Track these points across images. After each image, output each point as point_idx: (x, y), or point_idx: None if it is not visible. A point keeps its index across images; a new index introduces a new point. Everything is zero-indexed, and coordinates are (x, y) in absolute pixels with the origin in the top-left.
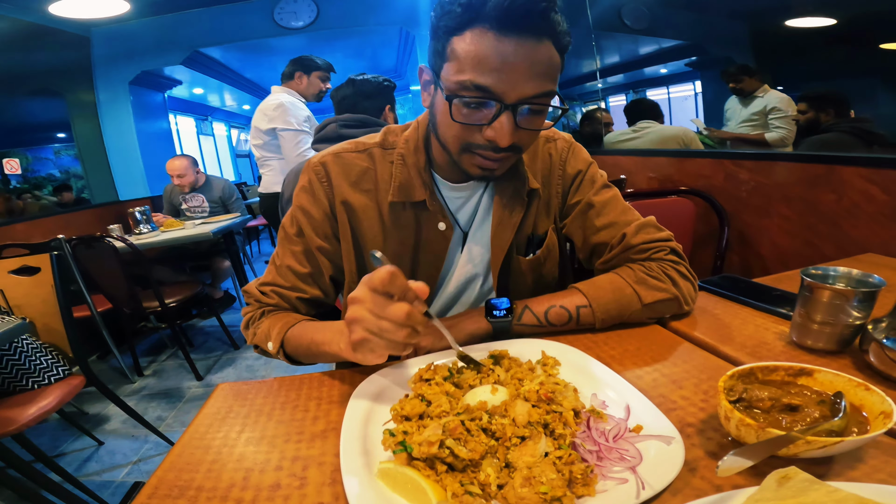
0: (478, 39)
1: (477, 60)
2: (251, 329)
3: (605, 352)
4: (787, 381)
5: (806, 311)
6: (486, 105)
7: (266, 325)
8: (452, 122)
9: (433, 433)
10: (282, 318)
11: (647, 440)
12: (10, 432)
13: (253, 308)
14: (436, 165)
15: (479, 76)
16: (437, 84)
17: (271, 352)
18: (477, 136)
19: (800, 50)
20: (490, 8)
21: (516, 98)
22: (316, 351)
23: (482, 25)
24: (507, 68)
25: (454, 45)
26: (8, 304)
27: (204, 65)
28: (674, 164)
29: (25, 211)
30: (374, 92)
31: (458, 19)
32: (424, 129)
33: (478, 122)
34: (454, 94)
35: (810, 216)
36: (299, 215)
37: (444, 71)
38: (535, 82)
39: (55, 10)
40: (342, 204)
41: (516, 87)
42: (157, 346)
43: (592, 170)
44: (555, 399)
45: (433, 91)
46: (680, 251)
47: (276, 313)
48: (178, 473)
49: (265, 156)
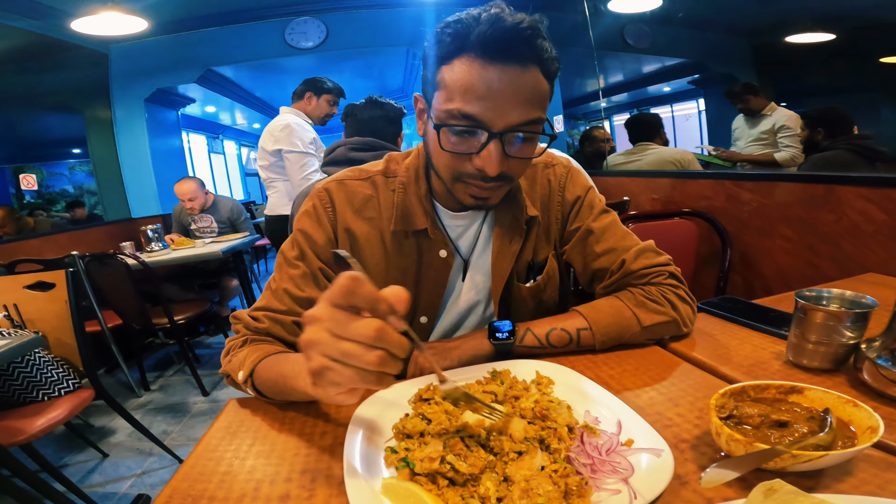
0: (465, 68)
1: (464, 89)
2: (230, 356)
3: (605, 371)
4: (779, 398)
5: (801, 331)
6: (474, 134)
7: (244, 354)
8: (442, 151)
9: (434, 449)
10: (262, 348)
11: (638, 453)
12: (19, 442)
13: (238, 336)
14: (435, 193)
15: (466, 104)
16: (429, 112)
17: (239, 381)
18: (467, 166)
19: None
20: (475, 36)
21: (503, 126)
22: (283, 385)
23: (469, 54)
24: (493, 96)
25: (443, 73)
26: (21, 317)
27: (216, 83)
28: (676, 186)
29: (36, 229)
30: (397, 117)
31: (448, 48)
32: (424, 158)
33: (466, 150)
34: (443, 123)
35: (811, 236)
36: (301, 239)
37: (434, 99)
38: (522, 109)
39: (76, 27)
40: (345, 231)
41: (503, 114)
42: (164, 362)
43: (591, 195)
44: (549, 416)
45: (426, 120)
46: (678, 275)
47: (259, 343)
48: (192, 483)
49: (271, 177)
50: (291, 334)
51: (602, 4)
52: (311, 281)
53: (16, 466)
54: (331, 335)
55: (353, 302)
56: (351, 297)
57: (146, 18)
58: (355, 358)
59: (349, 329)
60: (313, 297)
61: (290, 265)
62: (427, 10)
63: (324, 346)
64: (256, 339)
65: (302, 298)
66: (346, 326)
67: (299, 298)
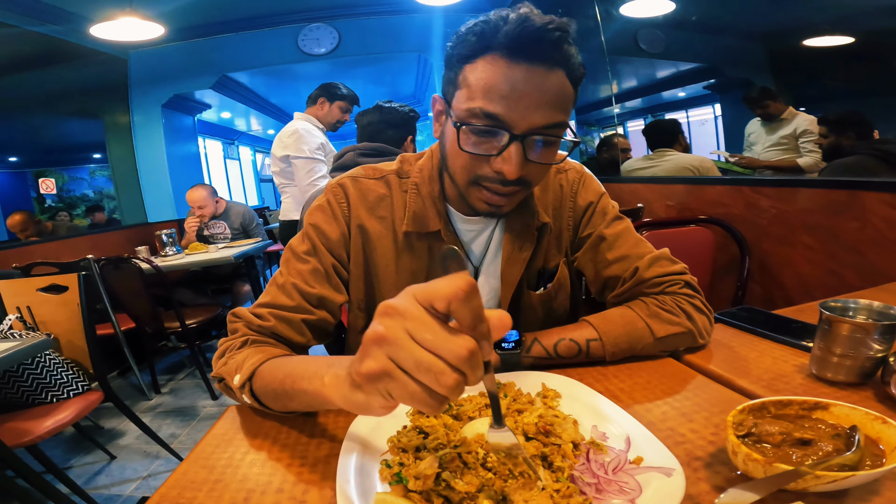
0: (489, 67)
1: (487, 88)
2: (224, 358)
3: (615, 384)
4: (802, 415)
5: (825, 344)
6: (495, 135)
7: (243, 355)
8: (461, 152)
9: (429, 466)
10: (265, 351)
11: (648, 472)
12: (26, 443)
13: (236, 337)
14: (448, 197)
15: (489, 103)
16: (448, 112)
17: (234, 386)
18: (485, 168)
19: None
20: (502, 35)
21: (526, 128)
22: (290, 387)
23: (494, 53)
24: (517, 95)
25: (466, 73)
26: (34, 319)
27: (232, 89)
28: (692, 192)
29: (54, 233)
30: (399, 122)
31: (472, 48)
32: (438, 160)
33: (486, 152)
34: (463, 122)
35: (833, 244)
36: (313, 233)
37: (455, 99)
38: (546, 111)
39: (95, 32)
40: (358, 228)
41: (526, 115)
42: (175, 366)
43: (604, 201)
44: (553, 431)
45: (444, 121)
46: (694, 284)
47: (262, 345)
48: (181, 491)
49: (283, 182)
50: (300, 334)
51: (614, 9)
52: (323, 277)
53: (21, 467)
54: (410, 338)
55: (458, 311)
56: (459, 306)
57: (163, 24)
58: (431, 375)
59: (437, 339)
60: (324, 294)
61: (299, 260)
62: (437, 16)
63: (397, 348)
64: (259, 340)
65: (312, 294)
66: (435, 335)
67: (309, 294)
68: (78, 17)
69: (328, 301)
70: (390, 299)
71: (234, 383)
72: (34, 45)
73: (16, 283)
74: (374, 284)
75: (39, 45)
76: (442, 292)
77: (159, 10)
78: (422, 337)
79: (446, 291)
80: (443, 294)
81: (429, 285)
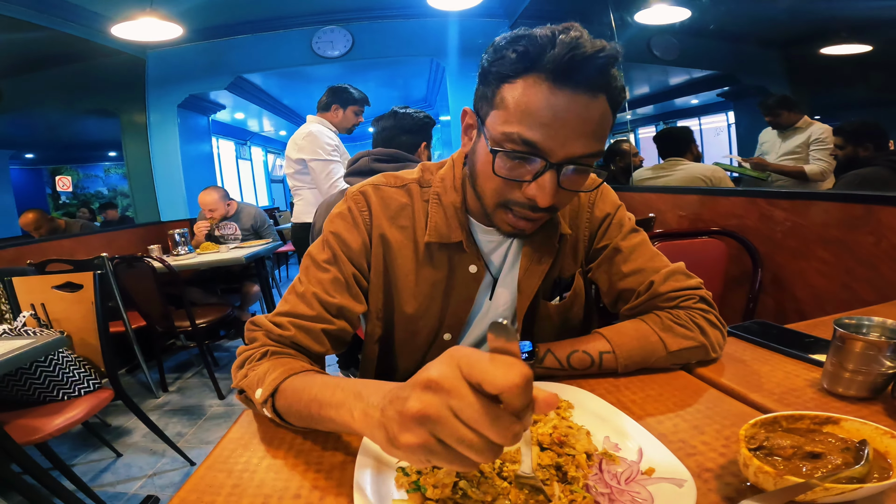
0: (531, 90)
1: (527, 112)
2: (245, 369)
3: (627, 396)
4: (813, 429)
5: (838, 360)
6: (529, 161)
7: (264, 368)
8: (493, 175)
9: (447, 475)
10: (286, 364)
11: (659, 482)
12: (35, 441)
13: (255, 346)
14: (469, 208)
15: (528, 130)
16: (482, 131)
17: (256, 401)
18: (516, 193)
19: (836, 78)
20: (549, 59)
21: (563, 156)
22: (317, 414)
23: (537, 75)
24: (558, 124)
25: (504, 92)
26: (48, 317)
27: (246, 90)
28: (706, 203)
29: (67, 230)
30: (414, 128)
31: (512, 67)
32: (461, 169)
33: (519, 177)
34: (499, 147)
35: (848, 259)
36: (333, 242)
37: (490, 118)
38: (585, 141)
39: (116, 32)
40: (379, 237)
41: (565, 145)
42: (183, 364)
43: (621, 213)
44: (567, 442)
45: (475, 137)
46: (709, 299)
47: (281, 357)
48: (200, 496)
49: (296, 185)
50: (319, 344)
51: (629, 16)
52: (343, 287)
53: (27, 464)
54: (453, 416)
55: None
56: (512, 399)
57: (181, 25)
58: (472, 451)
59: (483, 421)
60: (344, 304)
61: (319, 268)
62: (451, 21)
63: (441, 427)
64: (279, 351)
65: (331, 304)
66: (481, 416)
67: (329, 304)
68: (99, 16)
69: (348, 311)
70: (433, 370)
71: (255, 398)
72: (55, 44)
73: (31, 280)
74: (393, 294)
75: (61, 44)
76: (496, 382)
77: (177, 9)
78: (467, 416)
79: (501, 382)
80: (497, 384)
81: (480, 364)
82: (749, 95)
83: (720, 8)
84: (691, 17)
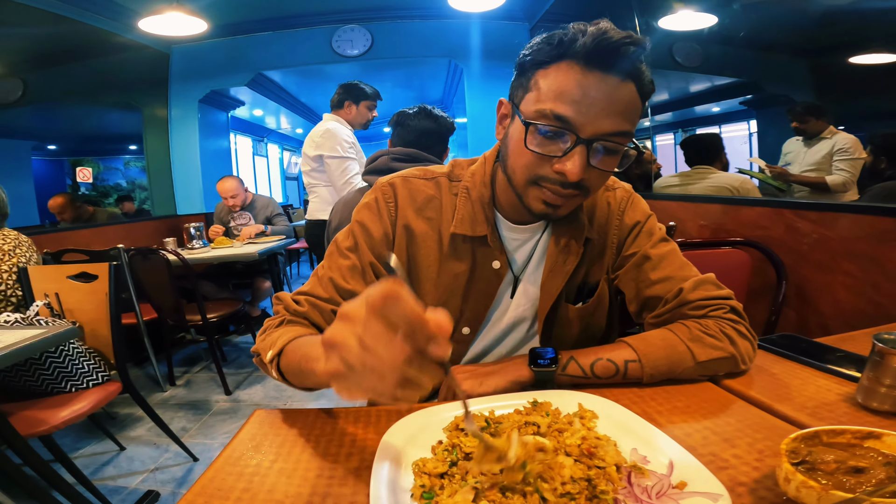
0: (563, 72)
1: (559, 91)
2: (265, 335)
3: (652, 407)
4: (854, 443)
5: (875, 374)
6: (561, 137)
7: (277, 334)
8: (525, 150)
9: (464, 499)
10: (295, 330)
11: (693, 497)
12: (41, 432)
13: (277, 317)
14: (498, 204)
15: (559, 106)
16: (516, 113)
17: (266, 360)
18: (547, 169)
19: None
20: (579, 46)
21: (592, 133)
22: (305, 367)
23: (570, 60)
24: (588, 101)
25: (538, 77)
26: (61, 307)
27: (265, 87)
28: (728, 213)
29: (94, 219)
30: (447, 134)
31: (547, 55)
32: (491, 166)
33: (551, 153)
34: (531, 122)
35: (876, 273)
36: (357, 230)
37: (524, 102)
38: (614, 119)
39: (143, 26)
40: (403, 227)
41: (594, 121)
42: (192, 358)
43: (651, 222)
44: (597, 454)
45: (509, 123)
46: (740, 310)
47: (294, 325)
48: (209, 499)
49: (312, 182)
50: (328, 322)
51: (653, 21)
52: (359, 274)
53: (28, 455)
54: (359, 342)
55: (387, 315)
56: (386, 310)
57: (206, 20)
58: (374, 377)
59: (378, 347)
60: (357, 290)
61: (341, 255)
62: (472, 22)
63: (347, 351)
64: (293, 320)
65: (345, 290)
66: (377, 342)
67: (343, 289)
68: (127, 10)
69: None
70: (347, 304)
71: (266, 358)
72: (83, 37)
73: (46, 269)
74: (414, 285)
75: (88, 37)
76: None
77: (201, 4)
78: (367, 342)
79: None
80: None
81: (371, 292)
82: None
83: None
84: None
